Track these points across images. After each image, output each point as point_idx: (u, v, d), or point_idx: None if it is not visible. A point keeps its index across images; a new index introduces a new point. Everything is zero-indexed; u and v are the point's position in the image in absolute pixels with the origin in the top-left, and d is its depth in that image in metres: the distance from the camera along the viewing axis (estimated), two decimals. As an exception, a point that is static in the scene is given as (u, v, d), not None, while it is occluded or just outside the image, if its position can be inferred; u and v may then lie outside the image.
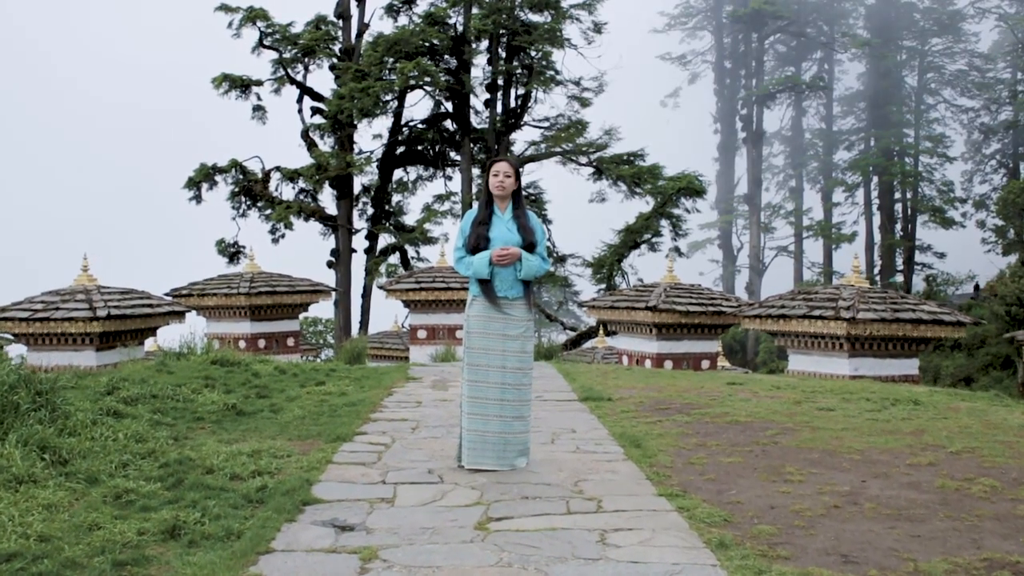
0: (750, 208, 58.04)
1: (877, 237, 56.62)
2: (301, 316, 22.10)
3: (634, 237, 31.88)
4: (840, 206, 59.99)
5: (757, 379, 11.57)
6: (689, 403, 9.34)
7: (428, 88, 35.21)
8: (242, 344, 19.08)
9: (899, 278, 52.49)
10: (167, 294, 19.38)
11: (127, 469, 6.19)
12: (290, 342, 20.04)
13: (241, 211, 37.44)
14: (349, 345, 18.96)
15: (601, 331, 28.97)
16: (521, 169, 6.72)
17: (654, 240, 32.01)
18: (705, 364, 17.87)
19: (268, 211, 36.70)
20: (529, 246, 6.54)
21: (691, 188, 30.54)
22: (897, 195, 56.70)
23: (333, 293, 25.30)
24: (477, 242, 6.51)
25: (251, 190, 37.07)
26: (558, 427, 8.09)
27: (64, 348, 14.81)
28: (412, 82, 33.97)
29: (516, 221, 6.59)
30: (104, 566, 4.34)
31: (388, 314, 50.36)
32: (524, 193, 29.48)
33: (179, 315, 16.45)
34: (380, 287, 27.79)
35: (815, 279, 55.63)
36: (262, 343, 19.38)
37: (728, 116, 61.18)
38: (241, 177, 36.80)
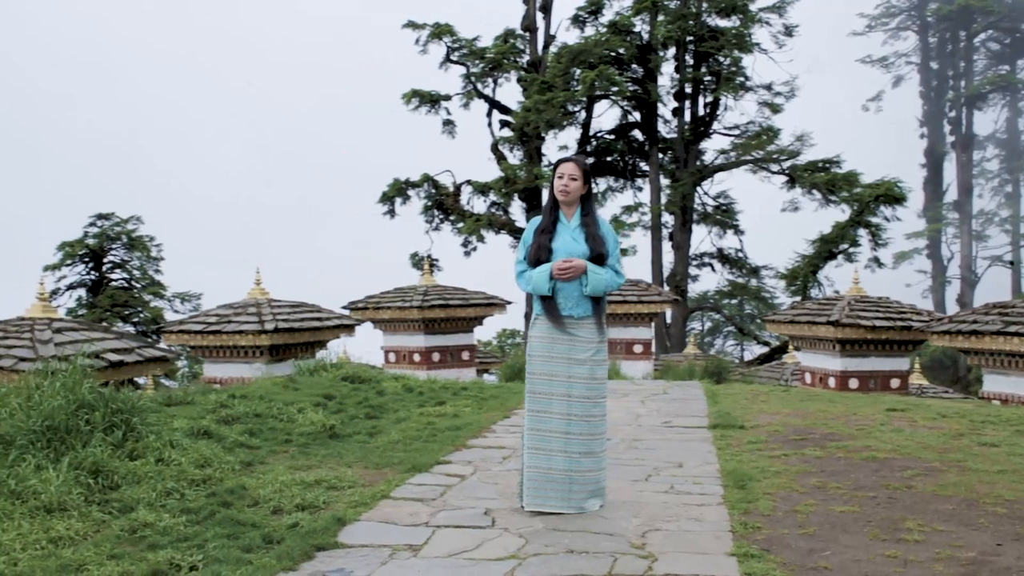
0: (960, 216, 53.96)
1: (1104, 245, 51.64)
2: (478, 328, 21.80)
3: (829, 247, 30.17)
4: (1062, 212, 55.09)
5: (925, 404, 10.19)
6: (831, 433, 8.22)
7: (614, 98, 34.56)
8: (416, 357, 18.91)
9: None
10: (345, 307, 19.51)
11: (169, 498, 5.81)
12: (464, 356, 19.71)
13: (434, 224, 37.88)
14: (511, 361, 18.44)
15: (790, 346, 27.42)
16: (589, 170, 5.91)
17: (851, 250, 30.15)
18: (895, 383, 16.34)
19: (460, 224, 36.92)
20: (598, 257, 5.72)
21: (890, 195, 28.53)
22: (1125, 199, 51.53)
23: (509, 306, 24.94)
24: (538, 254, 5.75)
25: (443, 204, 37.42)
26: (665, 460, 7.22)
27: (236, 360, 14.98)
28: (597, 92, 33.41)
29: (584, 230, 5.78)
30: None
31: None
32: (715, 203, 28.59)
33: (349, 328, 16.40)
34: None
35: (1035, 289, 51.11)
36: (436, 357, 19.12)
37: (935, 119, 57.12)
38: (433, 191, 37.21)
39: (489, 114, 37.55)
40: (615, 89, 33.29)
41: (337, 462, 7.06)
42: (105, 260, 38.50)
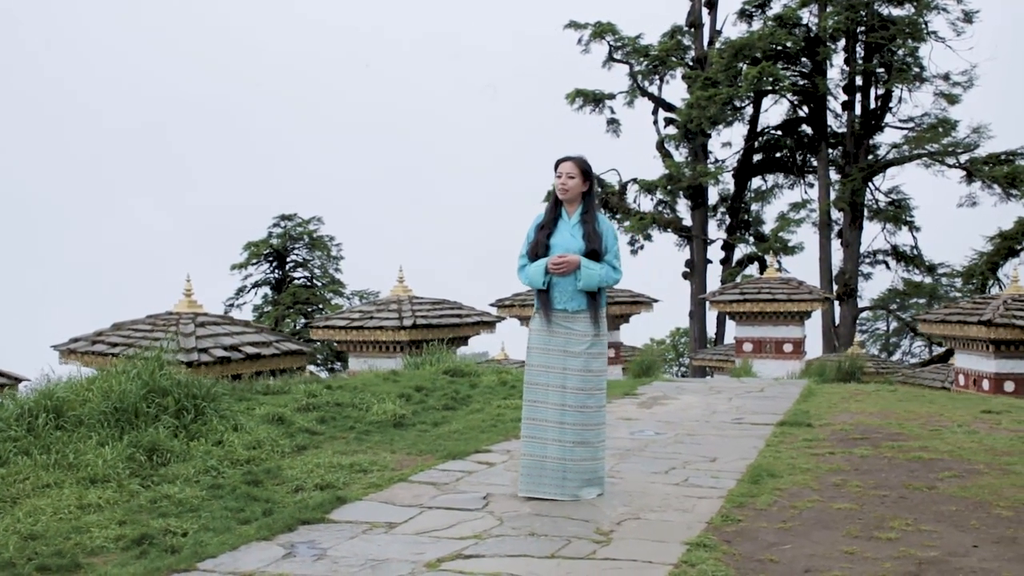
0: None
1: None
2: (625, 326, 21.91)
3: (1010, 244, 28.51)
4: None
5: (1026, 409, 9.68)
6: (898, 433, 7.99)
7: (781, 92, 33.77)
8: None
9: None
10: (492, 304, 20.02)
11: (205, 475, 6.31)
12: (610, 353, 19.84)
13: (599, 223, 38.00)
14: (639, 357, 18.44)
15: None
16: (589, 167, 6.03)
17: (1034, 247, 28.43)
18: (1055, 385, 15.49)
19: (626, 223, 36.91)
20: (593, 253, 5.86)
21: (1076, 187, 26.69)
22: None
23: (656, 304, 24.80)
24: (536, 249, 5.94)
25: (608, 202, 37.52)
26: (701, 455, 7.23)
27: (378, 355, 15.65)
28: (763, 87, 32.74)
29: (582, 227, 5.94)
30: (30, 570, 4.42)
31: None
32: (888, 199, 27.45)
33: (489, 325, 16.83)
34: (702, 298, 26.98)
35: None
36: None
37: None
38: (599, 190, 37.35)
39: (655, 112, 37.35)
40: (781, 84, 32.52)
41: (384, 448, 7.44)
42: (288, 259, 40.71)
